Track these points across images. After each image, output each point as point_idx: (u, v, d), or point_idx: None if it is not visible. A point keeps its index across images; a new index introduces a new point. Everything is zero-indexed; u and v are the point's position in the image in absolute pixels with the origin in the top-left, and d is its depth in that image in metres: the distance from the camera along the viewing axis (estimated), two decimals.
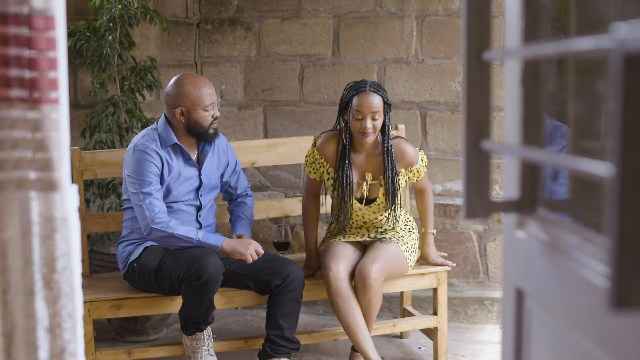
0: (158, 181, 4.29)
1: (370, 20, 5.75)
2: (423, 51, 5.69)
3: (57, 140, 1.85)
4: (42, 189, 1.84)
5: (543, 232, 1.47)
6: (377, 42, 5.75)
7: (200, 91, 4.32)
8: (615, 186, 1.00)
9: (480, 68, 1.46)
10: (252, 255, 4.26)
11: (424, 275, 4.74)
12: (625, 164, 0.98)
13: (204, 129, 4.36)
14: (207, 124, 4.35)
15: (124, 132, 5.51)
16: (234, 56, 5.98)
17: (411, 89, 5.71)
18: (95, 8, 5.42)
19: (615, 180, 1.00)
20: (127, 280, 4.46)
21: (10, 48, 1.77)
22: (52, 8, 1.79)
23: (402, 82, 5.72)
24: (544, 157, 1.34)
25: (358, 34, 5.78)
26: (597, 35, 1.04)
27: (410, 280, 4.74)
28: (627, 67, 0.94)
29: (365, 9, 5.76)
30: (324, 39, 5.84)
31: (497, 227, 5.59)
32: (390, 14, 5.72)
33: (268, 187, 5.96)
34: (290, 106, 5.91)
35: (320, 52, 5.84)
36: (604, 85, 1.41)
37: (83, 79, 5.78)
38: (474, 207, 1.49)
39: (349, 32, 5.79)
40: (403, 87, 5.72)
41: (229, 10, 5.97)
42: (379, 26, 5.74)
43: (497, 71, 5.27)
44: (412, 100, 5.72)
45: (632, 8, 1.16)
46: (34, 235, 1.86)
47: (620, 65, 0.95)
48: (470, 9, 1.43)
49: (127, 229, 4.47)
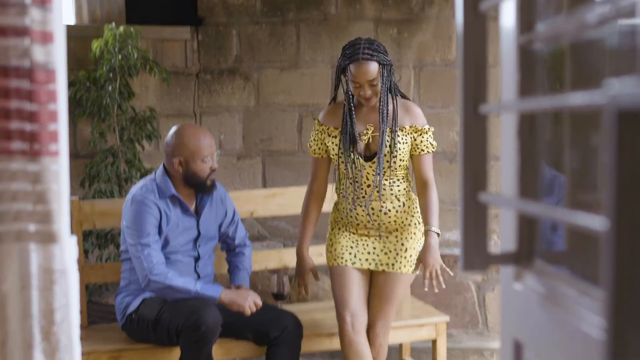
0: (156, 232, 4.29)
1: None
2: (421, 101, 5.72)
3: (57, 192, 1.86)
4: (42, 241, 1.85)
5: (540, 285, 1.48)
6: None
7: (199, 142, 4.33)
8: (610, 240, 1.01)
9: (477, 121, 1.48)
10: (251, 307, 4.25)
11: (423, 327, 4.72)
12: (619, 217, 0.99)
13: (201, 180, 4.36)
14: (204, 175, 4.35)
15: (123, 182, 5.53)
16: (233, 106, 6.01)
17: None
18: (95, 58, 5.46)
19: (610, 234, 1.00)
20: (125, 331, 4.44)
21: (12, 101, 1.79)
22: (53, 61, 1.81)
23: None
24: (540, 210, 1.35)
25: None
26: (591, 91, 1.06)
27: (409, 332, 4.72)
28: (619, 122, 0.95)
29: None
30: (322, 89, 5.88)
31: (496, 277, 5.58)
32: None
33: (266, 237, 5.96)
34: (289, 156, 5.93)
35: (318, 102, 5.87)
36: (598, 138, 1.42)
37: (83, 128, 5.80)
38: (471, 259, 1.49)
39: None
40: None
41: (228, 60, 6.01)
42: None
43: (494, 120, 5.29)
44: None
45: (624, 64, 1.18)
46: (33, 288, 1.86)
47: (613, 120, 0.96)
48: (466, 64, 1.45)
49: (125, 279, 4.46)
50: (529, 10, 1.43)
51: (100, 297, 5.42)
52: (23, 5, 1.77)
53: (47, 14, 1.80)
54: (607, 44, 1.37)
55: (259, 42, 5.98)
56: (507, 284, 1.64)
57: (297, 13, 5.92)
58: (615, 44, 1.32)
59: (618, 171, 0.97)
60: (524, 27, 1.43)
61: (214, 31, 6.03)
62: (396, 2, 5.77)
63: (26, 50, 1.77)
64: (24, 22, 1.77)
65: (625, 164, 0.96)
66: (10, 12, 1.76)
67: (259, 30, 5.98)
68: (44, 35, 1.79)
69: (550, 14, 1.53)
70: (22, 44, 1.77)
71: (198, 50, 6.04)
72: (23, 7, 1.77)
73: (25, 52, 1.77)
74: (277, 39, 5.96)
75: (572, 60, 1.51)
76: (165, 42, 6.02)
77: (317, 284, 5.81)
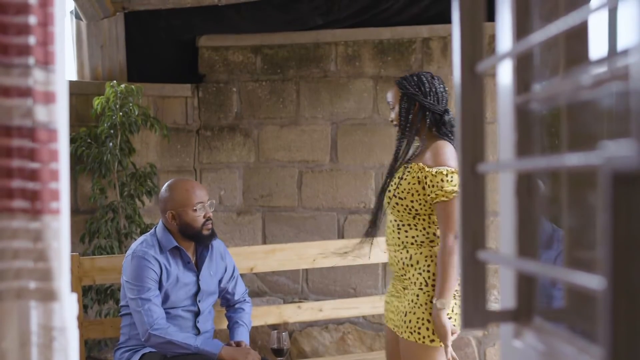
0: (157, 287, 4.29)
1: (367, 127, 5.83)
2: None
3: (58, 250, 1.86)
4: (42, 299, 1.85)
5: (540, 342, 1.48)
6: (374, 148, 5.82)
7: (187, 192, 4.35)
8: (607, 298, 1.01)
9: (475, 180, 1.49)
10: None
11: None
12: (615, 277, 1.00)
13: (196, 230, 4.35)
14: (198, 225, 4.35)
15: (123, 237, 5.53)
16: (233, 162, 6.04)
17: None
18: (96, 115, 5.49)
19: (607, 293, 1.01)
20: None
21: (14, 160, 1.80)
22: (55, 121, 1.83)
23: None
24: (539, 269, 1.35)
25: (355, 141, 5.85)
26: (586, 152, 1.07)
27: None
28: (614, 184, 0.97)
29: (362, 116, 5.84)
30: (322, 145, 5.91)
31: (497, 332, 5.56)
32: (387, 121, 5.79)
33: (266, 292, 5.95)
34: (289, 212, 5.94)
35: (318, 159, 5.90)
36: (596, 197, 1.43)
37: (83, 184, 5.82)
38: (470, 317, 1.50)
39: (347, 139, 5.86)
40: None
41: (228, 117, 6.05)
42: (375, 133, 5.81)
43: (494, 175, 5.32)
44: None
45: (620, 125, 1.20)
46: (33, 345, 1.86)
47: (608, 182, 0.97)
48: (464, 123, 1.47)
49: (124, 335, 4.45)
50: (526, 72, 1.45)
51: (99, 352, 5.39)
52: (27, 66, 1.79)
53: (50, 74, 1.82)
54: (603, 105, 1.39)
55: (259, 99, 6.02)
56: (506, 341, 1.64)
57: (297, 70, 5.97)
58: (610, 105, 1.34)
59: (614, 231, 0.98)
60: (520, 88, 1.45)
61: (214, 88, 6.07)
62: (395, 60, 5.82)
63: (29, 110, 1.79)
64: (27, 83, 1.79)
65: (621, 224, 0.97)
66: (14, 72, 1.78)
67: (259, 88, 6.02)
68: (47, 96, 1.81)
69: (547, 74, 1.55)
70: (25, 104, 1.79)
71: (199, 107, 6.08)
72: (27, 68, 1.79)
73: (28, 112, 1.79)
74: (277, 96, 6.00)
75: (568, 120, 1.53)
76: (166, 99, 6.07)
77: (317, 339, 5.79)
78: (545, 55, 1.53)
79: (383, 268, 5.86)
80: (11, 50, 1.78)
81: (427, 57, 5.77)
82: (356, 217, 5.89)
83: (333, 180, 5.89)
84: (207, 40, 6.13)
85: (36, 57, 1.80)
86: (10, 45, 1.77)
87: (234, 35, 6.10)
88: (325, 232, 5.93)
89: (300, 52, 5.98)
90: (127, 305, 4.36)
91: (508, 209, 1.54)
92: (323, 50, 5.95)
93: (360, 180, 5.81)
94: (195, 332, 4.43)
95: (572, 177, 1.57)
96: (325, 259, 4.93)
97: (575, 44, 1.52)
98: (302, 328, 5.90)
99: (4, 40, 1.77)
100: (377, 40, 5.86)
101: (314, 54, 5.95)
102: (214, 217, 5.62)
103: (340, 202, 5.91)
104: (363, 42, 5.89)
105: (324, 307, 4.92)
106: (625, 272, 0.99)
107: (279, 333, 4.72)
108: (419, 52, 5.78)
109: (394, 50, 5.83)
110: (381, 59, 5.85)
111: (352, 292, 5.93)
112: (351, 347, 5.87)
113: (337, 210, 5.93)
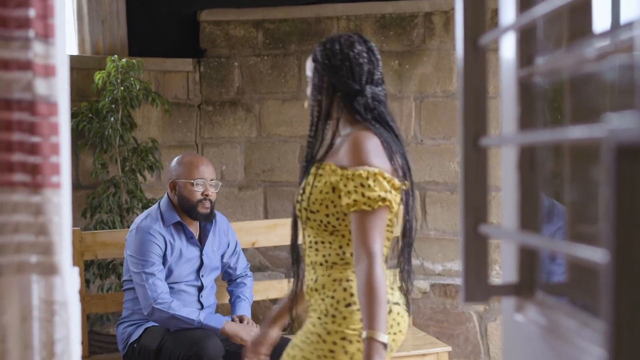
0: (161, 262, 4.29)
1: None
2: (422, 132, 5.73)
3: (59, 224, 1.86)
4: (43, 273, 1.85)
5: (542, 316, 1.48)
6: None
7: (190, 166, 4.34)
8: (610, 272, 1.01)
9: (477, 154, 1.48)
10: None
11: (425, 357, 4.71)
12: (618, 250, 0.99)
13: (191, 204, 4.34)
14: (194, 200, 4.33)
15: (124, 212, 5.53)
16: (235, 137, 6.03)
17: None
18: (97, 90, 5.48)
19: (609, 266, 1.01)
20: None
21: (14, 133, 1.79)
22: (55, 94, 1.82)
23: None
24: (541, 242, 1.35)
25: None
26: (590, 125, 1.07)
27: None
28: (618, 157, 0.96)
29: None
30: None
31: (498, 307, 5.57)
32: (389, 95, 5.77)
33: (268, 267, 5.95)
34: (291, 187, 5.94)
35: None
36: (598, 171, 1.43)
37: (84, 159, 5.81)
38: (472, 291, 1.50)
39: None
40: None
41: (229, 92, 6.04)
42: None
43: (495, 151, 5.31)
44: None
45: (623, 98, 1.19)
46: (34, 319, 1.86)
47: (612, 154, 0.97)
48: (466, 97, 1.46)
49: (127, 309, 4.46)
50: (529, 45, 1.44)
51: (101, 327, 5.40)
52: (27, 39, 1.78)
53: (50, 47, 1.81)
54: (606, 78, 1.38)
55: (260, 73, 6.00)
56: (508, 316, 1.64)
57: (298, 45, 5.95)
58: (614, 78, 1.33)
59: (617, 205, 0.97)
60: (523, 61, 1.44)
61: (215, 63, 6.06)
62: (397, 34, 5.80)
63: (29, 83, 1.79)
64: (27, 56, 1.78)
65: (624, 197, 0.97)
66: (13, 45, 1.77)
67: (260, 62, 6.01)
68: (47, 69, 1.81)
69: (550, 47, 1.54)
70: (25, 77, 1.78)
71: (200, 81, 6.07)
72: (27, 41, 1.78)
73: (28, 86, 1.79)
74: (279, 70, 5.99)
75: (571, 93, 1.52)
76: (167, 74, 6.05)
77: None
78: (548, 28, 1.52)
79: None
80: (11, 23, 1.77)
81: (429, 31, 5.75)
82: None
83: None
84: (209, 14, 6.11)
85: (36, 29, 1.79)
86: (10, 17, 1.76)
87: (236, 9, 6.08)
88: None
89: (301, 27, 5.96)
90: (130, 280, 4.37)
91: (510, 183, 1.54)
92: (325, 24, 5.93)
93: None
94: (198, 307, 4.44)
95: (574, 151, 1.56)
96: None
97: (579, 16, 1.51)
98: None
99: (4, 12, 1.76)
100: (379, 14, 5.83)
101: (316, 29, 5.93)
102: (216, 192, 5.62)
103: None
104: (365, 17, 5.86)
105: None
106: (628, 245, 0.98)
107: None
108: (421, 26, 5.76)
109: (396, 24, 5.81)
110: (383, 33, 5.82)
111: None
112: None
113: None
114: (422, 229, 5.66)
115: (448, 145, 5.69)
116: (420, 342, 4.83)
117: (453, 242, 5.69)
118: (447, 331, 5.45)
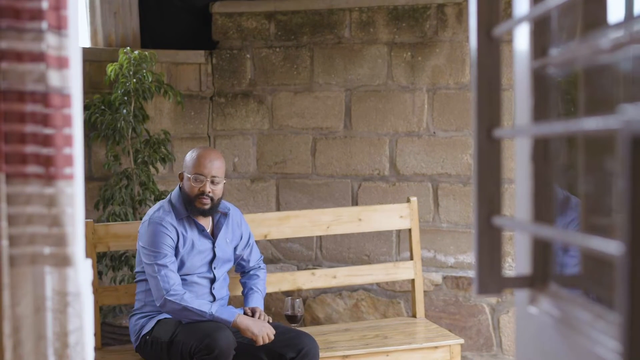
0: (173, 253, 4.29)
1: (381, 93, 5.81)
2: (434, 124, 5.72)
3: (72, 216, 1.86)
4: (56, 264, 1.86)
5: (555, 308, 1.47)
6: (388, 115, 5.80)
7: (195, 160, 4.32)
8: (625, 264, 1.01)
9: (491, 145, 1.48)
10: (264, 339, 4.21)
11: (437, 349, 4.70)
12: (634, 242, 0.99)
13: (189, 198, 4.33)
14: (192, 194, 4.32)
15: (137, 204, 5.54)
16: (247, 129, 6.03)
17: (423, 161, 5.74)
18: (110, 82, 5.49)
19: (625, 258, 1.00)
20: (139, 353, 4.43)
21: (27, 125, 1.80)
22: (68, 86, 1.83)
23: (414, 155, 5.75)
24: (555, 234, 1.34)
25: (370, 107, 5.83)
26: (605, 116, 1.06)
27: (423, 354, 4.70)
28: (633, 148, 0.96)
29: (376, 83, 5.82)
30: (335, 112, 5.89)
31: (511, 299, 5.56)
32: (402, 87, 5.77)
33: (280, 259, 5.96)
34: (303, 179, 5.94)
35: (332, 125, 5.89)
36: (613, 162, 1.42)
37: (97, 151, 5.83)
38: (485, 283, 1.49)
39: (361, 106, 5.84)
40: (415, 160, 5.75)
41: (242, 83, 6.04)
42: (390, 99, 5.79)
43: (509, 143, 5.30)
44: (424, 173, 5.74)
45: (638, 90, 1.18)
46: (47, 310, 1.86)
47: (627, 145, 0.96)
48: (480, 88, 1.46)
49: (140, 301, 4.46)
50: (543, 36, 1.43)
51: (114, 318, 5.42)
52: (39, 31, 1.78)
53: (62, 39, 1.81)
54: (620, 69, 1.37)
55: (272, 65, 6.00)
56: (521, 308, 1.64)
57: (310, 37, 5.94)
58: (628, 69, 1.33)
59: (633, 196, 0.97)
60: (537, 53, 1.43)
61: (228, 55, 6.06)
62: (410, 26, 5.79)
63: (42, 75, 1.79)
64: (40, 48, 1.78)
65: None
66: (26, 37, 1.77)
67: (272, 54, 6.00)
68: (60, 61, 1.81)
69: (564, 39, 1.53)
70: (38, 69, 1.78)
71: (212, 73, 6.07)
72: (39, 33, 1.78)
73: (41, 77, 1.79)
74: (291, 62, 5.98)
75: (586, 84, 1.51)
76: (179, 66, 6.05)
77: (331, 306, 5.81)
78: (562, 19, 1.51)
79: (397, 235, 5.86)
80: (24, 15, 1.77)
81: (442, 23, 5.73)
82: (370, 184, 5.88)
83: (347, 147, 5.88)
84: (221, 6, 6.11)
85: (49, 21, 1.79)
86: (23, 9, 1.76)
87: (248, 1, 6.08)
88: (339, 199, 5.93)
89: (314, 18, 5.95)
90: (142, 272, 4.37)
91: (524, 174, 1.53)
92: (337, 16, 5.92)
93: (374, 147, 5.80)
94: (211, 299, 4.44)
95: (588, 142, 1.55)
96: (338, 226, 4.93)
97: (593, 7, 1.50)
98: (315, 295, 5.91)
99: (17, 4, 1.76)
100: (392, 6, 5.82)
101: (328, 20, 5.92)
102: (228, 184, 5.63)
103: (354, 169, 5.90)
104: (377, 8, 5.85)
105: (338, 274, 4.93)
106: None
107: (293, 300, 4.73)
108: (433, 18, 5.75)
109: (409, 16, 5.79)
110: (395, 25, 5.81)
111: (365, 259, 5.93)
112: (365, 314, 5.89)
113: (351, 177, 5.93)
114: (435, 222, 5.66)
115: (460, 137, 5.68)
116: (433, 334, 4.83)
117: (465, 234, 5.69)
118: (459, 323, 5.45)
